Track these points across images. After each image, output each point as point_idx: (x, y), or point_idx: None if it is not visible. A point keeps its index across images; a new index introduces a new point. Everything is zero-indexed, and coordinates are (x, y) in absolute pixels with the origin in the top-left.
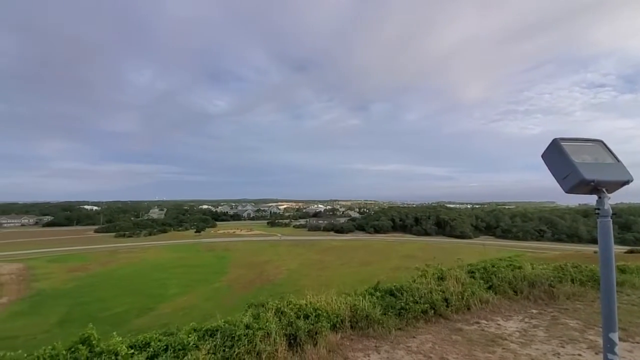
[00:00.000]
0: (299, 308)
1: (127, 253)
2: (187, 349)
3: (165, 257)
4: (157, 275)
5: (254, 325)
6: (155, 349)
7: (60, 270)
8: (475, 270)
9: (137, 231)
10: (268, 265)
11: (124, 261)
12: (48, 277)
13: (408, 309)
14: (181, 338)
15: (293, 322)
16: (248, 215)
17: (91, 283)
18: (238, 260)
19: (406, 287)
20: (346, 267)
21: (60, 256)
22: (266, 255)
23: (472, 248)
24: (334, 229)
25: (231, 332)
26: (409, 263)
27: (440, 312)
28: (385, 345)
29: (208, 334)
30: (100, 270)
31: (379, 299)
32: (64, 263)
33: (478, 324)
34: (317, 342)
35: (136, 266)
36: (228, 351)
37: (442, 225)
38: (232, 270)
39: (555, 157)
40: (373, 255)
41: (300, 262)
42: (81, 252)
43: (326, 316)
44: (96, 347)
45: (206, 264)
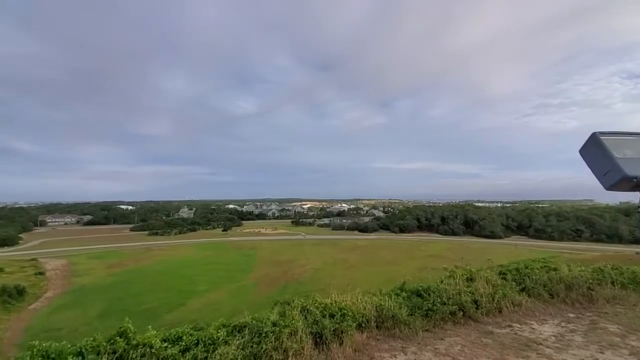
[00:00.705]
0: (324, 307)
1: (160, 251)
2: (217, 344)
3: (194, 255)
4: (187, 272)
5: (280, 323)
6: (187, 343)
7: (99, 266)
8: (506, 272)
9: (168, 230)
10: (292, 264)
11: (157, 258)
12: (88, 273)
13: (435, 310)
14: (211, 333)
15: (319, 321)
16: (273, 214)
17: (127, 279)
18: (263, 258)
19: (433, 288)
20: (371, 266)
21: (99, 253)
22: (290, 254)
23: (503, 248)
24: (358, 228)
25: (259, 328)
26: (436, 263)
27: (469, 314)
28: (412, 346)
29: (236, 330)
30: (135, 266)
31: (405, 299)
32: (102, 260)
33: (510, 327)
34: (342, 342)
35: (168, 263)
36: (256, 347)
37: (471, 224)
38: (257, 269)
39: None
40: (398, 254)
41: (325, 261)
42: (118, 250)
43: (352, 315)
44: (132, 340)
45: (233, 262)
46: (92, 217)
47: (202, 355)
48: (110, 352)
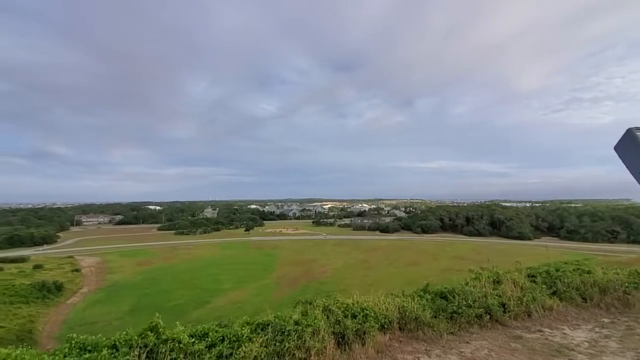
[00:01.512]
0: (346, 307)
1: (185, 249)
2: (241, 341)
3: (218, 254)
4: (211, 270)
5: (302, 322)
6: (213, 339)
7: (130, 264)
8: (536, 274)
9: (193, 229)
10: (313, 264)
11: (183, 257)
12: (120, 270)
13: (461, 313)
14: (235, 330)
15: (341, 321)
16: (294, 214)
17: (155, 276)
18: (285, 258)
19: (458, 290)
20: (392, 267)
21: (130, 251)
22: (311, 253)
23: (532, 250)
24: (379, 229)
25: (281, 327)
26: (460, 265)
27: (496, 318)
28: (437, 349)
29: (260, 328)
30: (163, 264)
31: (429, 301)
32: (133, 258)
33: (540, 332)
34: (365, 342)
35: (193, 262)
36: (279, 345)
37: (497, 225)
38: (279, 268)
39: (630, 149)
40: (420, 256)
41: (345, 262)
42: (147, 248)
43: (374, 316)
44: (162, 335)
45: (255, 261)
46: (122, 217)
47: (227, 352)
48: (142, 345)
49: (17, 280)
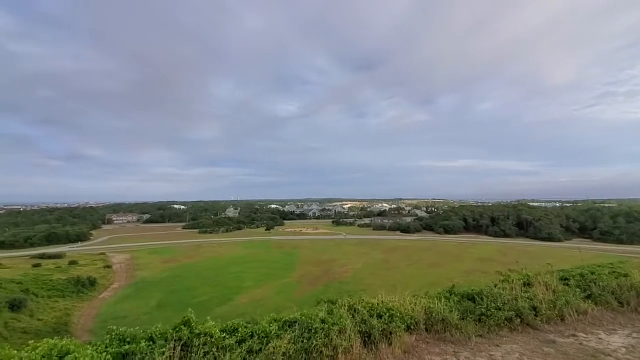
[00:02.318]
0: (371, 307)
1: (209, 248)
2: (270, 337)
3: (240, 253)
4: (234, 268)
5: (329, 320)
6: (243, 335)
7: (157, 261)
8: (569, 277)
9: (216, 228)
10: (334, 264)
11: (207, 255)
12: (148, 267)
13: (490, 316)
14: (264, 327)
15: (367, 321)
16: (314, 214)
17: (181, 274)
18: (305, 257)
19: (486, 292)
20: (414, 268)
21: (157, 249)
22: (332, 253)
23: (563, 252)
24: (400, 229)
25: (308, 325)
26: (486, 267)
27: (527, 322)
28: (465, 351)
29: (287, 325)
30: (188, 262)
31: (456, 303)
32: (160, 255)
33: (575, 336)
34: (391, 342)
35: (216, 260)
36: (306, 342)
37: (525, 226)
38: (299, 267)
39: None
40: (443, 257)
41: (366, 262)
42: (173, 246)
43: (400, 317)
44: (195, 329)
45: (276, 260)
46: (150, 216)
47: (257, 347)
48: (177, 339)
49: (54, 275)
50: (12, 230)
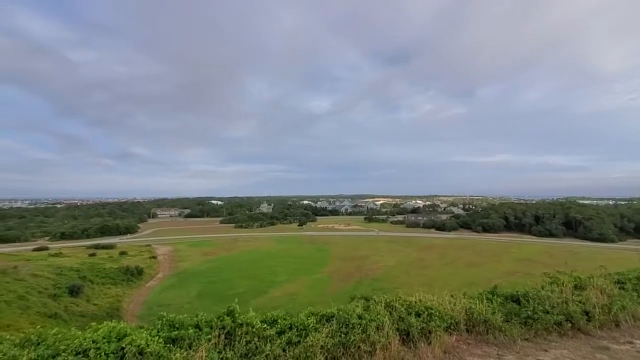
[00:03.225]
0: (409, 304)
1: (244, 242)
2: (308, 330)
3: (274, 247)
4: (268, 262)
5: (366, 316)
6: (282, 327)
7: (196, 253)
8: (626, 281)
9: (251, 223)
10: (366, 260)
11: (242, 249)
12: (189, 259)
13: (537, 319)
14: (302, 319)
15: (404, 318)
16: (345, 210)
17: (218, 266)
18: (337, 253)
19: (533, 294)
20: (450, 267)
21: (196, 242)
22: (364, 250)
23: (617, 254)
24: (435, 226)
25: (345, 319)
26: (529, 268)
27: (578, 326)
28: (510, 355)
29: (324, 319)
30: (225, 255)
31: (499, 304)
32: (199, 248)
33: (631, 343)
34: (431, 342)
35: (251, 254)
36: (344, 337)
37: (573, 225)
38: (331, 263)
39: None
40: (481, 256)
41: (399, 259)
42: (211, 240)
43: (439, 316)
44: (237, 319)
45: (308, 256)
46: (190, 211)
47: (295, 339)
48: (221, 327)
49: (107, 264)
50: (71, 223)
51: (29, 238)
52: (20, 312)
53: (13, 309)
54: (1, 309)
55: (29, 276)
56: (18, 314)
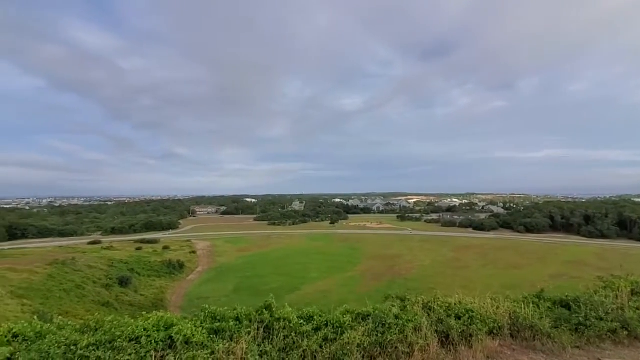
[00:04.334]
0: (448, 306)
1: (277, 239)
2: (344, 328)
3: (306, 245)
4: (300, 259)
5: (402, 317)
6: (318, 323)
7: (232, 249)
8: None
9: (283, 220)
10: (399, 260)
11: (275, 246)
12: (225, 254)
13: (589, 326)
14: (338, 317)
15: (443, 320)
16: (377, 208)
17: (253, 261)
18: (369, 252)
19: (584, 300)
20: (489, 268)
21: (232, 238)
22: (396, 249)
23: None
24: (472, 226)
25: (381, 319)
26: (577, 271)
27: (636, 334)
28: None
29: (360, 318)
30: (259, 251)
31: (547, 309)
32: (235, 244)
33: None
34: (472, 345)
35: (284, 250)
36: (381, 336)
37: (627, 225)
38: (363, 261)
39: None
40: (524, 257)
41: (434, 259)
42: (246, 236)
43: (481, 319)
44: (275, 314)
45: (340, 254)
46: (225, 208)
47: (332, 336)
48: (259, 321)
49: (152, 258)
50: (120, 219)
51: (85, 232)
52: (78, 300)
53: (71, 297)
54: (61, 296)
55: (85, 267)
56: (76, 302)
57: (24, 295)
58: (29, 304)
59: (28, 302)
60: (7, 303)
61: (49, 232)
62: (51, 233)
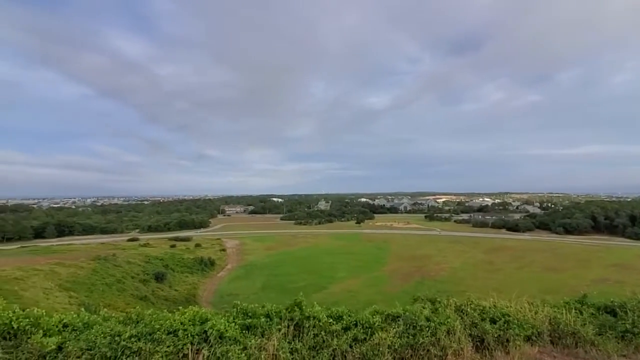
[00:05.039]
0: (482, 310)
1: (304, 238)
2: (373, 328)
3: (332, 244)
4: (326, 259)
5: (434, 319)
6: (347, 323)
7: (260, 248)
8: None
9: (309, 220)
10: (427, 261)
11: (302, 245)
12: (253, 253)
13: (637, 333)
14: (367, 317)
15: (478, 324)
16: (404, 208)
17: (279, 260)
18: (396, 252)
19: (632, 306)
20: (524, 271)
21: (260, 237)
22: (425, 249)
23: None
24: (506, 226)
25: (412, 321)
26: (623, 275)
27: None
28: None
29: (390, 319)
30: (286, 250)
31: (590, 315)
32: (262, 242)
33: None
34: (509, 351)
35: (311, 250)
36: (412, 339)
37: None
38: (391, 261)
39: None
40: (563, 260)
41: (464, 261)
42: (273, 235)
43: (518, 324)
44: (305, 312)
45: (367, 253)
46: (253, 207)
47: (361, 336)
48: (289, 318)
49: (185, 255)
50: (155, 217)
51: (124, 230)
52: (118, 294)
53: (112, 291)
54: (104, 290)
55: (125, 263)
56: (116, 295)
57: (70, 288)
58: (75, 296)
59: (74, 294)
60: (56, 295)
61: (92, 230)
62: (94, 230)
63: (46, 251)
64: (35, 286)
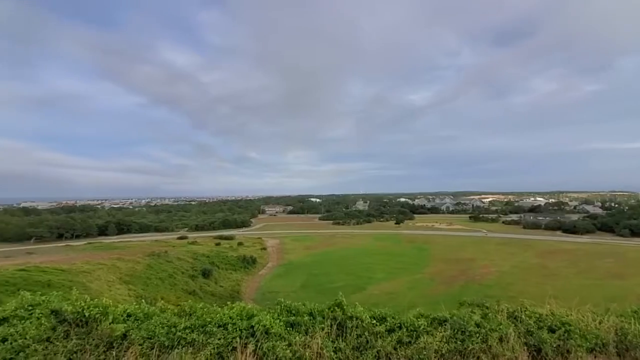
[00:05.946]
0: (538, 317)
1: (342, 238)
2: (419, 332)
3: (370, 244)
4: (365, 259)
5: (485, 325)
6: (391, 325)
7: (299, 247)
8: None
9: (347, 220)
10: (472, 263)
11: (340, 245)
12: (293, 252)
13: None
14: (412, 320)
15: (534, 332)
16: (447, 208)
17: (318, 260)
18: (438, 254)
19: None
20: (583, 277)
21: (299, 236)
22: (469, 252)
23: None
24: (562, 228)
25: (461, 326)
26: None
27: None
28: None
29: (436, 322)
30: (325, 250)
31: None
32: (301, 242)
33: None
34: None
35: (349, 250)
36: (460, 344)
37: None
38: (432, 264)
39: None
40: (629, 266)
41: (514, 265)
42: (312, 235)
43: (580, 334)
44: (347, 312)
45: (407, 254)
46: (292, 208)
47: (406, 339)
48: (332, 317)
49: (229, 252)
50: (201, 217)
51: (174, 228)
52: (170, 288)
53: (165, 285)
54: (157, 284)
55: (175, 259)
56: (169, 289)
57: (129, 282)
58: (134, 289)
59: (133, 287)
60: (117, 287)
61: (147, 228)
62: (149, 229)
63: (108, 247)
64: (100, 279)
